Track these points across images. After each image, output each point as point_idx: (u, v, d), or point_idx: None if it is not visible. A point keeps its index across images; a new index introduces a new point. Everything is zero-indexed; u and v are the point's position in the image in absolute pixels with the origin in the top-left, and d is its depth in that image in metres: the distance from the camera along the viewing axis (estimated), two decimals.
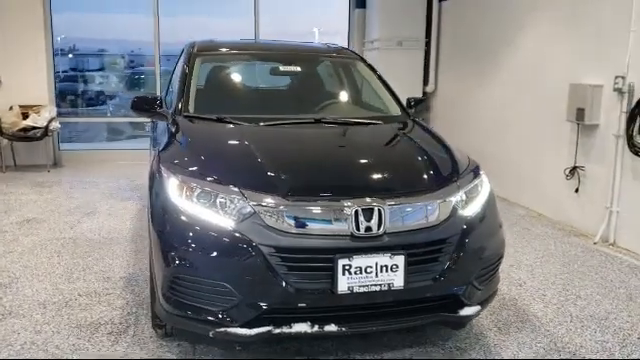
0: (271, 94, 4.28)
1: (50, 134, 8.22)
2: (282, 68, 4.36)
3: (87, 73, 12.88)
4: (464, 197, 3.04)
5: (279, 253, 2.69)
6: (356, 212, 2.74)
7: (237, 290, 2.71)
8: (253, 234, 2.71)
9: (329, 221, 2.74)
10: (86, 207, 6.33)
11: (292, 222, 2.72)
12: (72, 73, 12.72)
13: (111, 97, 12.40)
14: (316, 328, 2.76)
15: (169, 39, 9.25)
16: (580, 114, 5.48)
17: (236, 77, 4.47)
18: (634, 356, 3.30)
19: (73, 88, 12.17)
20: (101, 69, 13.14)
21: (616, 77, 5.10)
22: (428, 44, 8.72)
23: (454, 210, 2.97)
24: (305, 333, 2.76)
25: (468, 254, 2.94)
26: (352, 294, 2.72)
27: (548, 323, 3.69)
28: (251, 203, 2.76)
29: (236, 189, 2.81)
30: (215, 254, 2.76)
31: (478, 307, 3.03)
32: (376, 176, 3.10)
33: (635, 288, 4.30)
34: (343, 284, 2.70)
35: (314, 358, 3.15)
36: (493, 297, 3.23)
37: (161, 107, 3.89)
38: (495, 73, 7.20)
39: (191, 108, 3.82)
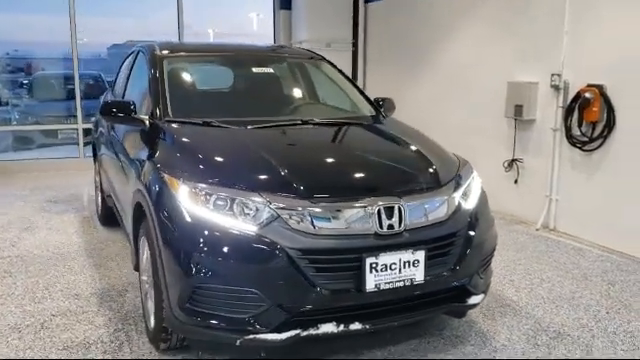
0: (245, 96, 4.22)
1: None
2: (255, 70, 4.32)
3: None
4: (465, 193, 3.19)
5: (307, 255, 2.69)
6: (379, 211, 2.80)
7: (266, 295, 2.68)
8: (279, 238, 2.70)
9: (354, 221, 2.78)
10: (21, 222, 5.90)
11: (317, 224, 2.73)
12: None
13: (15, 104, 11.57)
14: (342, 327, 2.79)
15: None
16: (518, 110, 5.86)
17: (208, 80, 4.38)
18: (610, 329, 3.61)
19: None
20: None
21: (552, 75, 5.51)
22: (356, 45, 8.92)
23: (459, 205, 3.11)
24: (331, 333, 2.79)
25: (473, 246, 3.09)
26: (378, 291, 2.78)
27: (525, 306, 3.93)
28: (274, 207, 2.74)
29: (256, 193, 2.78)
30: (242, 260, 2.72)
31: (482, 295, 3.20)
32: (390, 175, 3.18)
33: (587, 268, 4.68)
34: (371, 282, 2.75)
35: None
36: (489, 285, 3.41)
37: (135, 112, 3.74)
38: (428, 73, 7.50)
39: (170, 113, 3.69)
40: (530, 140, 5.96)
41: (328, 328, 2.77)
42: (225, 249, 2.74)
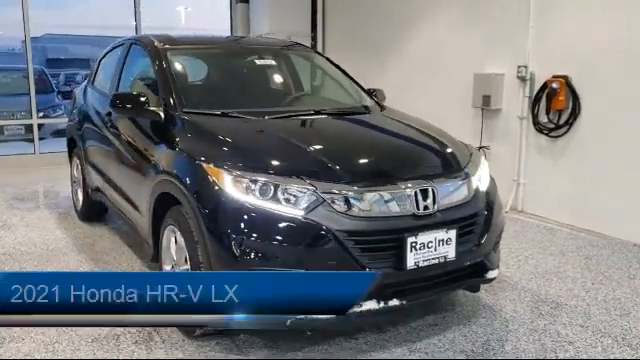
0: (251, 88, 4.29)
1: None
2: (258, 62, 4.41)
3: None
4: (479, 176, 3.44)
5: (353, 237, 2.85)
6: (415, 193, 2.99)
7: None
8: (326, 221, 2.84)
9: (394, 203, 2.96)
10: None
11: (361, 206, 2.89)
12: None
13: None
14: (382, 304, 2.96)
15: None
16: (486, 100, 6.21)
17: (212, 72, 4.41)
18: (600, 298, 3.97)
19: None
20: None
21: (519, 67, 5.89)
22: (315, 37, 9.07)
23: (477, 187, 3.35)
24: (373, 310, 2.95)
25: (491, 224, 3.34)
26: (417, 269, 2.97)
27: (520, 281, 4.25)
28: (319, 191, 2.88)
29: (301, 179, 2.91)
30: (291, 244, 2.84)
31: (497, 270, 3.46)
32: (420, 159, 3.38)
33: (562, 245, 5.07)
34: (411, 260, 2.94)
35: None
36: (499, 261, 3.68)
37: (149, 105, 3.76)
38: (392, 63, 7.75)
39: (186, 104, 3.73)
40: (497, 128, 6.34)
41: (370, 305, 2.93)
42: (274, 233, 2.85)
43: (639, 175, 4.99)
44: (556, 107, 5.58)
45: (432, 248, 3.00)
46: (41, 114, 9.21)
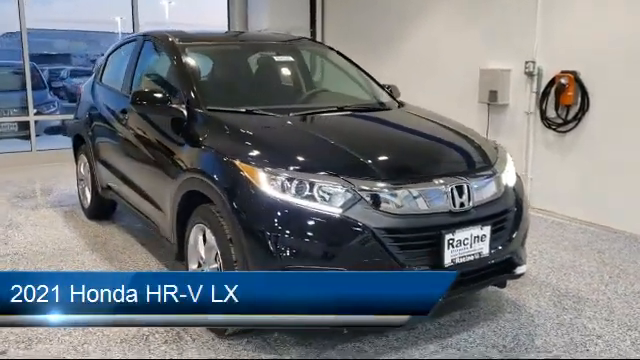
0: (269, 85, 4.26)
1: None
2: (276, 58, 4.38)
3: None
4: (507, 173, 3.45)
5: (391, 234, 2.85)
6: (452, 190, 3.00)
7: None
8: (364, 218, 2.84)
9: (431, 200, 2.96)
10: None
11: (399, 204, 2.89)
12: None
13: None
14: None
15: None
16: (493, 96, 6.24)
17: (231, 68, 4.36)
18: (620, 291, 4.02)
19: None
20: None
21: (526, 62, 5.92)
22: (314, 34, 9.03)
23: (506, 184, 3.36)
24: None
25: (520, 221, 3.37)
26: (454, 265, 2.98)
27: (538, 276, 4.28)
28: (356, 189, 2.87)
29: (338, 177, 2.90)
30: (330, 241, 2.84)
31: (525, 265, 3.48)
32: (453, 156, 3.38)
33: (574, 240, 5.12)
34: (448, 257, 2.95)
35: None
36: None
37: (171, 102, 3.72)
38: (394, 60, 7.72)
39: (209, 102, 3.69)
40: (503, 123, 6.37)
41: None
42: (311, 231, 2.84)
43: None
44: (565, 102, 5.61)
45: (468, 245, 3.01)
46: (34, 111, 9.07)
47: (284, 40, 4.82)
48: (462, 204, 3.02)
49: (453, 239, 2.95)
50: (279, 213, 2.87)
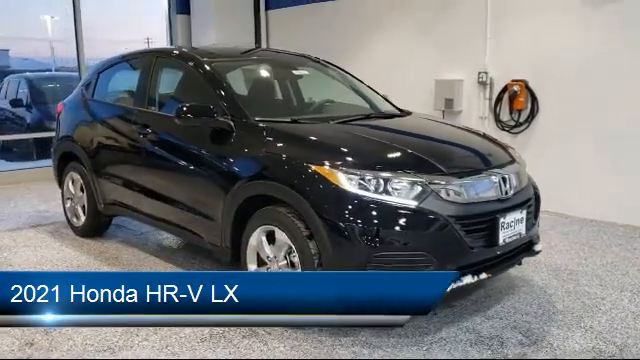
0: (294, 96, 4.59)
1: None
2: (295, 72, 4.71)
3: None
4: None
5: (460, 220, 3.32)
6: (500, 180, 3.53)
7: (434, 256, 3.25)
8: (437, 208, 3.29)
9: (487, 189, 3.48)
10: None
11: (464, 194, 3.38)
12: None
13: None
14: (475, 278, 3.46)
15: None
16: (449, 103, 6.95)
17: (258, 82, 4.64)
18: (597, 263, 4.76)
19: None
20: None
21: (479, 73, 6.69)
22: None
23: (527, 174, 3.96)
24: (468, 284, 3.44)
25: (538, 205, 3.97)
26: (504, 245, 3.51)
27: (569, 276, 4.51)
28: (427, 183, 3.31)
29: (409, 173, 3.33)
30: (410, 230, 3.26)
31: (541, 244, 4.09)
32: (491, 151, 3.89)
33: (574, 233, 5.84)
34: (501, 238, 3.47)
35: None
36: None
37: (215, 115, 3.95)
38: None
39: (252, 113, 3.97)
40: None
41: (468, 280, 3.41)
42: (393, 223, 3.25)
43: (588, 163, 5.95)
44: (517, 107, 6.42)
45: (513, 227, 3.55)
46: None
47: (295, 55, 5.15)
48: (506, 192, 3.56)
49: (504, 222, 3.48)
50: (362, 208, 3.25)
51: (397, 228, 3.25)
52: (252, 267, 3.79)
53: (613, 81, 5.73)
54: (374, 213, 3.25)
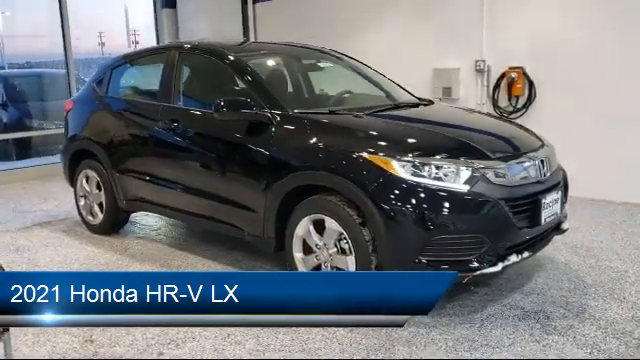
0: (324, 88, 4.68)
1: None
2: (320, 64, 4.79)
3: None
4: None
5: (509, 202, 3.49)
6: (539, 162, 3.72)
7: (487, 237, 3.42)
8: (487, 191, 3.45)
9: (529, 172, 3.66)
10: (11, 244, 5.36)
11: (511, 177, 3.55)
12: None
13: None
14: (519, 257, 3.64)
15: None
16: (447, 91, 7.15)
17: (288, 76, 4.69)
18: (609, 239, 5.03)
19: None
20: None
21: (477, 61, 6.91)
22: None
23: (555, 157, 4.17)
24: (514, 262, 3.63)
25: (567, 186, 4.19)
26: (545, 224, 3.71)
27: (587, 252, 4.76)
28: (476, 167, 3.47)
29: (459, 159, 3.48)
30: (466, 213, 3.41)
31: (567, 223, 4.31)
32: (524, 137, 4.07)
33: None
34: (543, 217, 3.67)
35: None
36: None
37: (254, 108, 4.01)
38: None
39: (288, 106, 4.05)
40: None
41: (514, 258, 3.59)
42: (447, 206, 3.39)
43: (586, 146, 6.23)
44: (515, 93, 6.67)
45: (551, 206, 3.75)
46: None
47: (315, 49, 5.22)
48: (544, 174, 3.76)
49: (545, 202, 3.67)
50: (416, 194, 3.38)
51: (451, 212, 3.39)
52: (298, 255, 3.89)
53: (610, 66, 6.02)
54: (428, 198, 3.38)
